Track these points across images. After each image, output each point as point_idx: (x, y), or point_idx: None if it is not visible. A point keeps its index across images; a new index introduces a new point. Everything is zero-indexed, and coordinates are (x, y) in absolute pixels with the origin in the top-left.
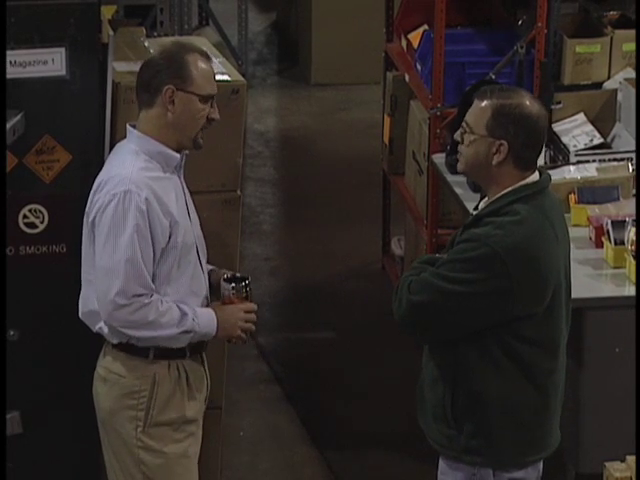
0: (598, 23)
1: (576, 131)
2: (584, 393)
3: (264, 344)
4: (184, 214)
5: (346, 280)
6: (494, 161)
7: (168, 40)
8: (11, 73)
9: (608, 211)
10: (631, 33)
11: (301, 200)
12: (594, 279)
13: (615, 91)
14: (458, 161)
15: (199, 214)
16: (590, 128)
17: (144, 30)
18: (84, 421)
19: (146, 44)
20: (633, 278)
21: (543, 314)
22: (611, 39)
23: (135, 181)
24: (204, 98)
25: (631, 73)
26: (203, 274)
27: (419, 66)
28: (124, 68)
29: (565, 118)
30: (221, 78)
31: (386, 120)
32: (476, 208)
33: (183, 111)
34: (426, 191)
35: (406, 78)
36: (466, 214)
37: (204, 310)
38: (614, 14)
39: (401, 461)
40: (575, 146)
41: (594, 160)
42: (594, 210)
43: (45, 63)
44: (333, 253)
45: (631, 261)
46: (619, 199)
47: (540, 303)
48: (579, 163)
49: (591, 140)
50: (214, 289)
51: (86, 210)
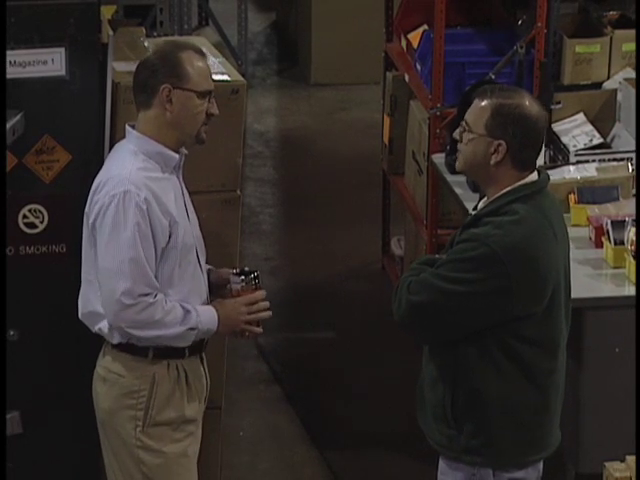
0: (598, 23)
1: (576, 131)
2: (584, 393)
3: (264, 344)
4: (183, 214)
5: (346, 280)
6: (492, 161)
7: (162, 40)
8: (11, 73)
9: (608, 211)
10: (631, 33)
11: (301, 200)
12: (594, 279)
13: (615, 91)
14: (456, 154)
15: (199, 214)
16: (590, 128)
17: (144, 30)
18: (84, 421)
19: (146, 44)
20: (633, 278)
21: (542, 314)
22: (611, 39)
23: (134, 181)
24: (201, 94)
25: (631, 73)
26: (202, 274)
27: (419, 66)
28: (124, 68)
29: (565, 118)
30: (221, 78)
31: (386, 120)
32: (475, 208)
33: (181, 109)
34: (426, 191)
35: (406, 78)
36: (466, 214)
37: (205, 307)
38: (614, 14)
39: (401, 461)
40: (575, 146)
41: (594, 160)
42: (594, 210)
43: (45, 63)
44: (333, 253)
45: (631, 261)
46: (619, 199)
47: (539, 303)
48: (579, 163)
49: (591, 140)
50: (214, 288)
51: (85, 210)
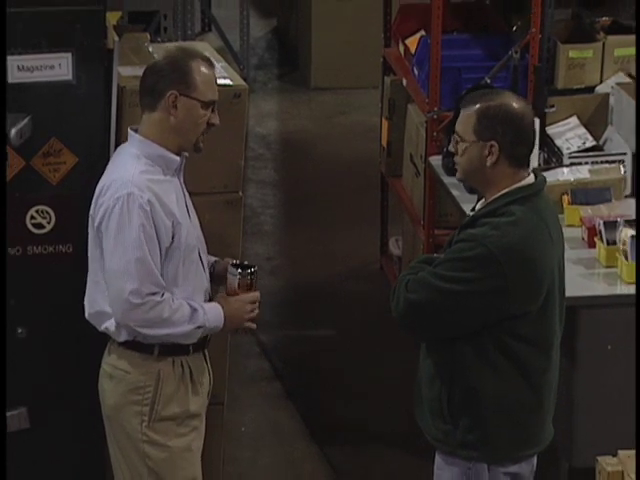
0: (590, 29)
1: (569, 134)
2: (577, 390)
3: (265, 342)
4: (185, 215)
5: (345, 279)
6: (488, 162)
7: (172, 45)
8: (19, 78)
9: (600, 212)
10: (623, 39)
11: (301, 201)
12: (587, 278)
13: (607, 95)
14: (454, 164)
15: (202, 215)
16: (583, 131)
17: (148, 36)
18: (89, 416)
19: (150, 49)
20: (625, 277)
21: (537, 313)
22: (603, 44)
23: (137, 184)
24: (206, 104)
25: (623, 78)
26: (205, 273)
27: (416, 71)
28: (129, 72)
29: (558, 121)
30: (223, 82)
31: (384, 123)
32: (473, 209)
33: (185, 116)
34: (423, 192)
35: (404, 82)
36: (462, 215)
37: (211, 305)
38: (606, 20)
39: (399, 457)
40: (568, 149)
41: (587, 162)
42: (587, 211)
43: (52, 68)
44: (333, 253)
45: (623, 260)
46: (611, 200)
47: (534, 302)
48: (572, 165)
49: (584, 143)
50: (219, 278)
51: (90, 213)
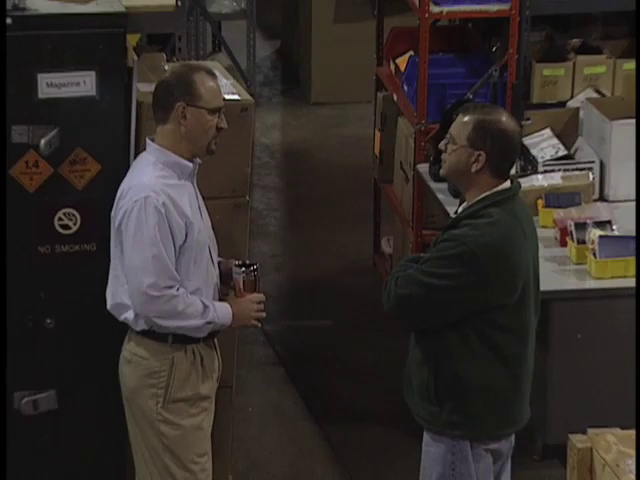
0: (562, 50)
1: (543, 144)
2: (551, 374)
3: (270, 331)
4: (197, 216)
5: (342, 275)
6: (473, 169)
7: (178, 63)
8: (48, 93)
9: (571, 214)
10: (591, 58)
11: (302, 204)
12: (559, 274)
13: (577, 109)
14: (440, 166)
15: (213, 217)
16: (555, 142)
17: (164, 55)
18: (111, 398)
19: (166, 68)
20: (593, 273)
21: (515, 305)
22: (574, 64)
23: (153, 188)
24: (212, 111)
25: (591, 93)
26: (214, 268)
27: (406, 87)
28: (147, 89)
29: (534, 133)
30: (232, 97)
31: (377, 134)
32: (456, 212)
33: (194, 124)
34: (412, 197)
35: (394, 98)
36: (447, 217)
37: (222, 304)
38: (576, 42)
39: (391, 434)
40: (542, 157)
41: (559, 170)
42: (559, 213)
43: (78, 84)
44: (330, 251)
45: (591, 258)
46: (581, 204)
47: (511, 294)
48: (546, 172)
49: (556, 152)
50: (223, 277)
51: (112, 214)
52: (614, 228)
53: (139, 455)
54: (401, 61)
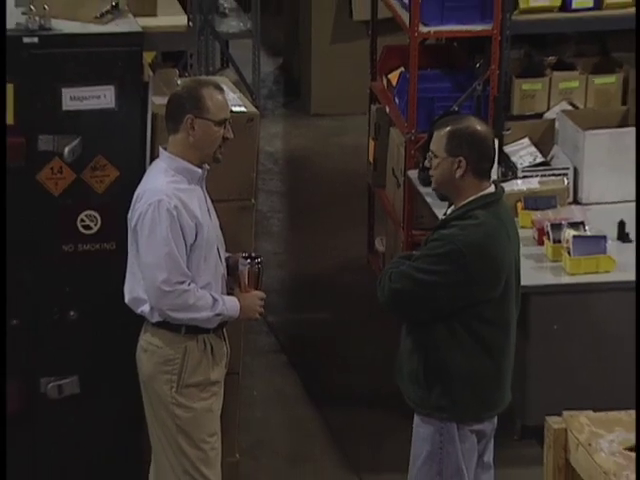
0: (539, 66)
1: (522, 152)
2: (529, 361)
3: (273, 322)
4: (206, 217)
5: (339, 271)
6: (457, 175)
7: (188, 78)
8: (71, 106)
9: (548, 216)
10: (566, 74)
11: (303, 207)
12: (537, 270)
13: (553, 120)
14: (430, 177)
15: (221, 217)
16: (533, 150)
17: (177, 71)
18: (129, 383)
19: (179, 82)
20: (568, 269)
21: (499, 299)
22: (550, 79)
23: (166, 192)
24: (218, 123)
25: (566, 106)
26: (222, 265)
27: (397, 100)
28: (162, 102)
29: (513, 142)
30: (239, 109)
31: (371, 143)
32: (445, 214)
33: (202, 134)
34: (403, 200)
35: (387, 110)
36: (435, 218)
37: (230, 297)
38: (552, 59)
39: (384, 416)
40: (522, 164)
41: (537, 175)
42: (537, 215)
43: (98, 98)
44: (328, 250)
45: (566, 256)
46: (557, 206)
47: (495, 289)
48: (525, 178)
49: (534, 159)
50: (231, 269)
51: (128, 216)
52: (587, 228)
53: (155, 436)
54: (393, 76)
